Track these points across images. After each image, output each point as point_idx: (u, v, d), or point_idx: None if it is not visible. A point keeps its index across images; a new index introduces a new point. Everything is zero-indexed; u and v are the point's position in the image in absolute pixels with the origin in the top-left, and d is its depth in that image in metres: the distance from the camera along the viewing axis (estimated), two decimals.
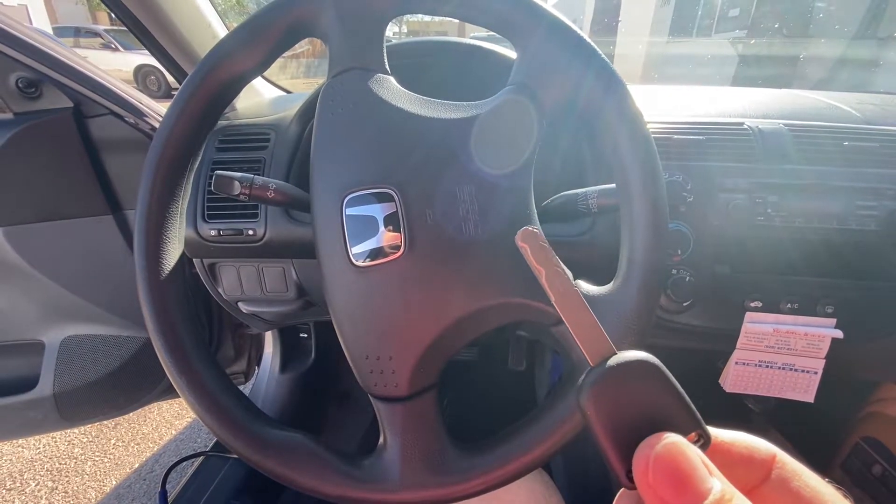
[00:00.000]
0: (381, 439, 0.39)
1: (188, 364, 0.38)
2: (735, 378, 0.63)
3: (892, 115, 0.71)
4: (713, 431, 0.19)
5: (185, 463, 1.10)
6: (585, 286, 0.38)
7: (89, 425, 1.53)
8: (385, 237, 0.35)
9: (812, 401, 0.63)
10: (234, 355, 1.15)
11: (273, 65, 0.42)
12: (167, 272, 0.39)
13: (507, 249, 0.36)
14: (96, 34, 9.55)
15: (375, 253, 0.35)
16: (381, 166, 0.37)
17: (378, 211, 0.36)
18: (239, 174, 0.47)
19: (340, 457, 0.38)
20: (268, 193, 0.48)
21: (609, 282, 0.37)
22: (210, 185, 0.64)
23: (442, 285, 0.35)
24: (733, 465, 0.19)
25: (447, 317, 0.36)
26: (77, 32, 9.61)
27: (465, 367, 1.40)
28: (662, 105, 0.76)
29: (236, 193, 0.46)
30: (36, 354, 0.90)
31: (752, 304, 0.60)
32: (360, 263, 0.36)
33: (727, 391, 0.64)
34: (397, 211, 0.35)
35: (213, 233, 0.65)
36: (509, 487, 0.48)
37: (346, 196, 0.36)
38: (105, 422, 1.54)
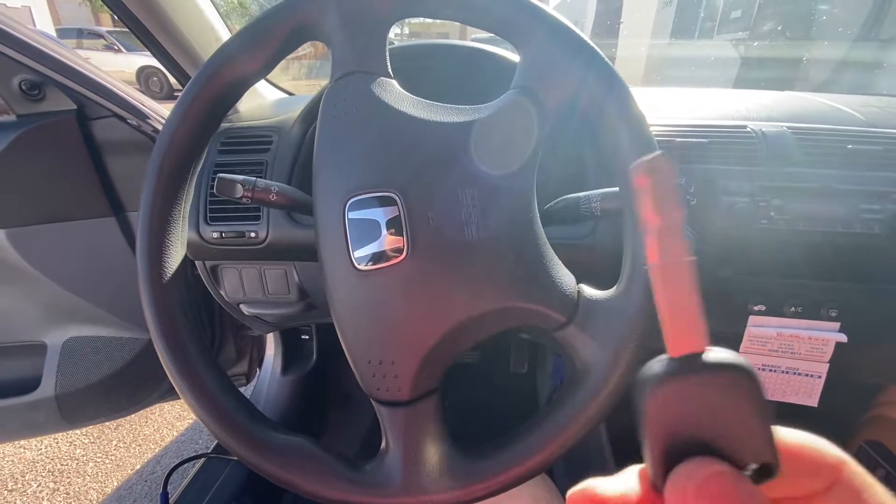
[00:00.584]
0: (383, 443, 0.38)
1: (190, 367, 0.38)
2: None
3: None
4: (780, 431, 0.16)
5: (186, 464, 1.10)
6: (588, 290, 0.37)
7: (91, 426, 1.53)
8: (387, 241, 0.35)
9: (816, 405, 0.63)
10: (236, 357, 1.15)
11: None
12: (169, 276, 0.39)
13: (510, 252, 0.36)
14: (99, 35, 9.60)
15: (378, 257, 0.35)
16: (384, 170, 0.36)
17: (380, 214, 0.36)
18: (241, 177, 0.47)
19: (342, 461, 0.38)
20: (270, 196, 0.48)
21: (612, 285, 0.37)
22: (212, 187, 0.64)
23: (445, 289, 0.35)
24: (799, 473, 0.17)
25: (450, 321, 0.36)
26: (80, 34, 9.67)
27: (467, 370, 1.40)
28: (664, 107, 0.76)
29: (238, 196, 0.46)
30: (38, 356, 0.90)
31: (756, 308, 0.60)
32: (362, 267, 0.36)
33: None
34: (400, 215, 0.35)
35: (215, 235, 0.65)
36: (511, 492, 0.47)
37: (348, 200, 0.36)
38: (107, 423, 1.54)
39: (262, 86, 0.95)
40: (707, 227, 0.59)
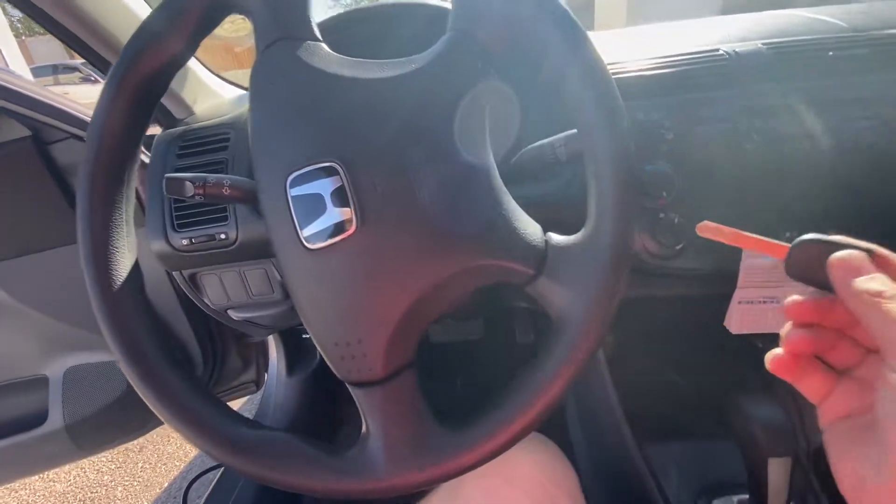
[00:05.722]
0: (363, 427, 0.37)
1: (148, 369, 0.36)
2: (740, 318, 0.60)
3: (879, 18, 0.66)
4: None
5: (208, 475, 1.11)
6: (556, 237, 0.35)
7: (115, 451, 1.55)
8: (335, 214, 0.33)
9: None
10: (242, 365, 1.14)
11: (236, 62, 0.40)
12: (120, 282, 0.38)
13: (467, 209, 0.33)
14: (74, 69, 9.57)
15: (327, 232, 0.33)
16: (321, 139, 0.34)
17: (324, 187, 0.33)
18: (190, 175, 0.44)
19: (324, 450, 0.36)
20: (223, 191, 0.45)
21: None
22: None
23: (402, 258, 0.33)
24: None
25: (413, 290, 0.34)
26: (55, 70, 9.67)
27: (473, 347, 1.38)
28: (642, 45, 0.71)
29: (190, 195, 0.44)
30: (41, 389, 0.90)
31: None
32: (312, 246, 0.34)
33: (733, 333, 0.61)
34: (344, 184, 0.33)
35: (185, 242, 0.64)
36: (516, 459, 0.46)
37: (288, 176, 0.34)
38: (130, 445, 1.55)
39: (218, 85, 0.91)
40: (688, 160, 0.56)
